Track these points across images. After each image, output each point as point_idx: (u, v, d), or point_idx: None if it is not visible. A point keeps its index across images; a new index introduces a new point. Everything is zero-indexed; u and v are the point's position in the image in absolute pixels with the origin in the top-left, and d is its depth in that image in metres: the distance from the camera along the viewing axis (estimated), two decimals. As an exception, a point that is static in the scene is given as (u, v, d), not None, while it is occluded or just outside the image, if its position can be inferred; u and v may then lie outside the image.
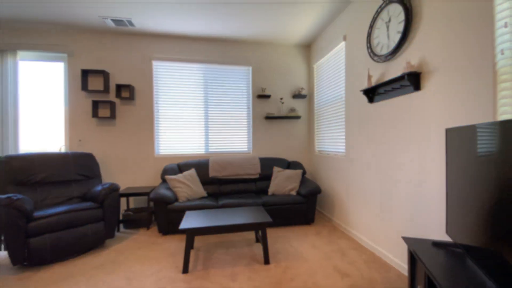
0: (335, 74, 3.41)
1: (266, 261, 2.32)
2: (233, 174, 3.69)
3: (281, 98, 4.05)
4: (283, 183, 3.52)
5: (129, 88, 3.65)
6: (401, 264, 2.18)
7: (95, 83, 3.66)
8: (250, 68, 4.09)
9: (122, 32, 3.66)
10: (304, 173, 3.79)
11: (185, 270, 2.15)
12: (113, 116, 3.63)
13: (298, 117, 4.13)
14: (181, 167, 3.66)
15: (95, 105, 3.57)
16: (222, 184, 3.69)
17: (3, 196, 2.15)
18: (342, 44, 3.22)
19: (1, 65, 3.40)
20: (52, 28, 3.49)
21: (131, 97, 3.67)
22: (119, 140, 3.74)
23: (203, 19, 3.29)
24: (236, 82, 4.07)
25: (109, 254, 2.54)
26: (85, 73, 3.54)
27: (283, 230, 3.18)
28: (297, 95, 4.11)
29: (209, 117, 4.01)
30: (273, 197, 3.31)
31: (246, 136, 4.13)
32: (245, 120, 4.12)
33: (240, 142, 4.12)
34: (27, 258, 2.20)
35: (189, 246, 2.15)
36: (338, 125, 3.35)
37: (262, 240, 2.32)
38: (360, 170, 2.81)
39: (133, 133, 3.78)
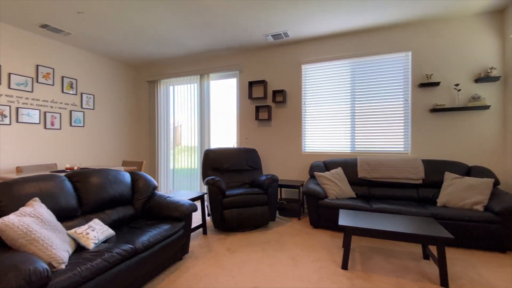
0: None
1: (444, 283, 1.92)
2: (386, 177, 3.32)
3: (457, 85, 3.20)
4: (461, 193, 2.78)
5: (282, 92, 4.14)
6: None
7: (257, 92, 4.43)
8: (410, 54, 3.52)
9: (278, 44, 4.20)
10: (496, 183, 2.82)
11: (345, 266, 2.17)
12: (269, 118, 4.25)
13: (485, 107, 3.11)
14: (327, 165, 3.72)
15: (257, 109, 4.32)
16: (372, 187, 3.42)
17: (209, 178, 3.05)
18: None
19: (201, 85, 4.83)
20: (230, 52, 4.55)
21: (284, 101, 4.14)
22: (273, 138, 4.33)
23: (355, 13, 3.16)
24: (389, 72, 3.63)
25: (273, 234, 3.01)
26: (250, 84, 4.35)
27: (461, 252, 2.52)
28: (482, 78, 3.10)
29: (356, 114, 3.83)
30: (446, 210, 2.68)
31: (402, 134, 3.60)
32: (401, 115, 3.59)
33: (393, 140, 3.64)
34: (222, 225, 3.01)
35: (349, 243, 2.15)
36: None
37: (439, 258, 1.94)
38: None
39: (284, 132, 4.25)
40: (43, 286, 1.29)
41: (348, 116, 3.88)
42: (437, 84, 3.30)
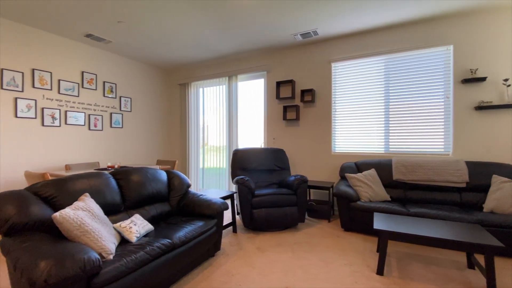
0: None
1: (494, 297, 1.77)
2: (425, 179, 3.12)
3: (506, 80, 2.92)
4: (511, 198, 2.53)
5: (311, 92, 4.08)
6: None
7: (285, 91, 4.42)
8: (451, 47, 3.27)
9: (306, 43, 4.14)
10: (556, 188, 2.52)
11: (380, 272, 2.09)
12: (297, 118, 4.21)
13: (541, 105, 2.80)
14: (358, 166, 3.60)
15: (285, 109, 4.31)
16: (408, 190, 3.23)
17: (239, 177, 3.11)
18: None
19: (229, 86, 4.92)
20: (257, 53, 4.59)
21: (312, 100, 4.08)
22: (302, 138, 4.28)
23: (389, 7, 3.01)
24: (428, 68, 3.41)
25: (302, 235, 2.99)
26: (278, 84, 4.35)
27: (511, 262, 2.30)
28: (539, 72, 2.79)
29: (390, 113, 3.65)
30: (494, 216, 2.46)
31: (442, 133, 3.36)
32: (441, 113, 3.36)
33: (432, 141, 3.41)
34: (251, 224, 3.05)
35: (385, 248, 2.07)
36: None
37: (487, 267, 1.79)
38: None
39: (313, 132, 4.18)
40: (95, 274, 1.42)
41: (381, 115, 3.71)
42: (483, 79, 3.03)
